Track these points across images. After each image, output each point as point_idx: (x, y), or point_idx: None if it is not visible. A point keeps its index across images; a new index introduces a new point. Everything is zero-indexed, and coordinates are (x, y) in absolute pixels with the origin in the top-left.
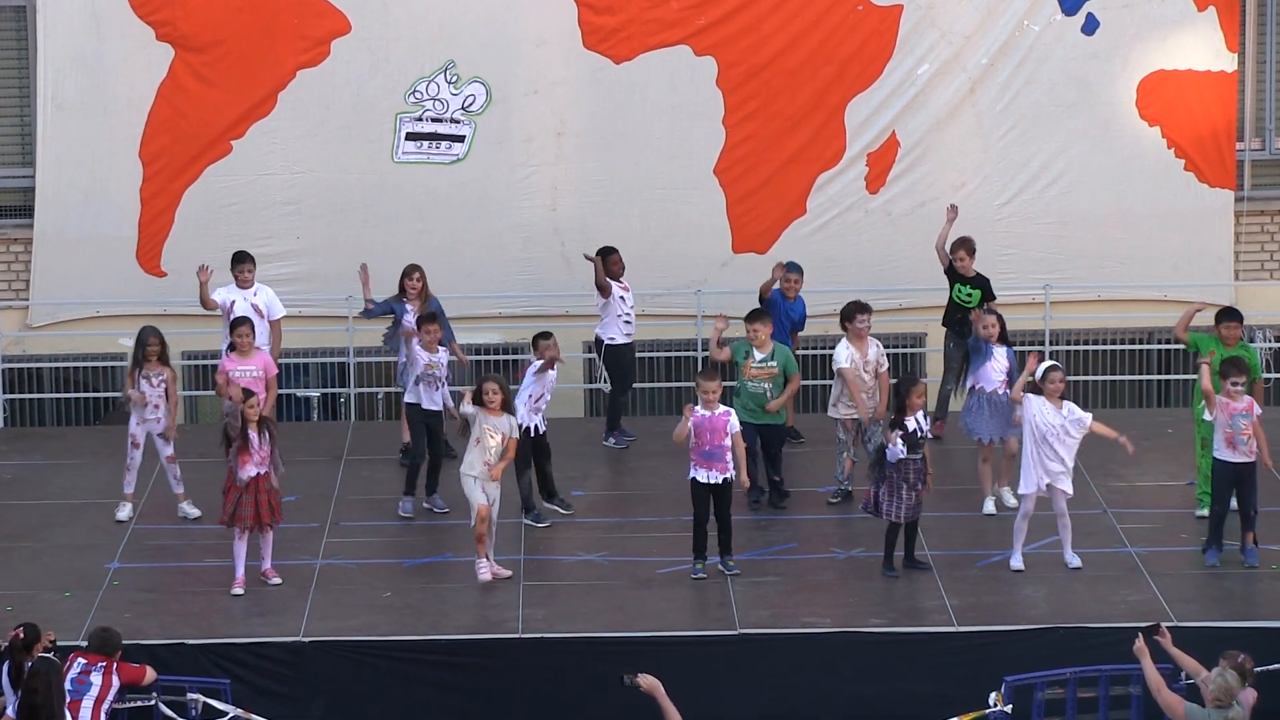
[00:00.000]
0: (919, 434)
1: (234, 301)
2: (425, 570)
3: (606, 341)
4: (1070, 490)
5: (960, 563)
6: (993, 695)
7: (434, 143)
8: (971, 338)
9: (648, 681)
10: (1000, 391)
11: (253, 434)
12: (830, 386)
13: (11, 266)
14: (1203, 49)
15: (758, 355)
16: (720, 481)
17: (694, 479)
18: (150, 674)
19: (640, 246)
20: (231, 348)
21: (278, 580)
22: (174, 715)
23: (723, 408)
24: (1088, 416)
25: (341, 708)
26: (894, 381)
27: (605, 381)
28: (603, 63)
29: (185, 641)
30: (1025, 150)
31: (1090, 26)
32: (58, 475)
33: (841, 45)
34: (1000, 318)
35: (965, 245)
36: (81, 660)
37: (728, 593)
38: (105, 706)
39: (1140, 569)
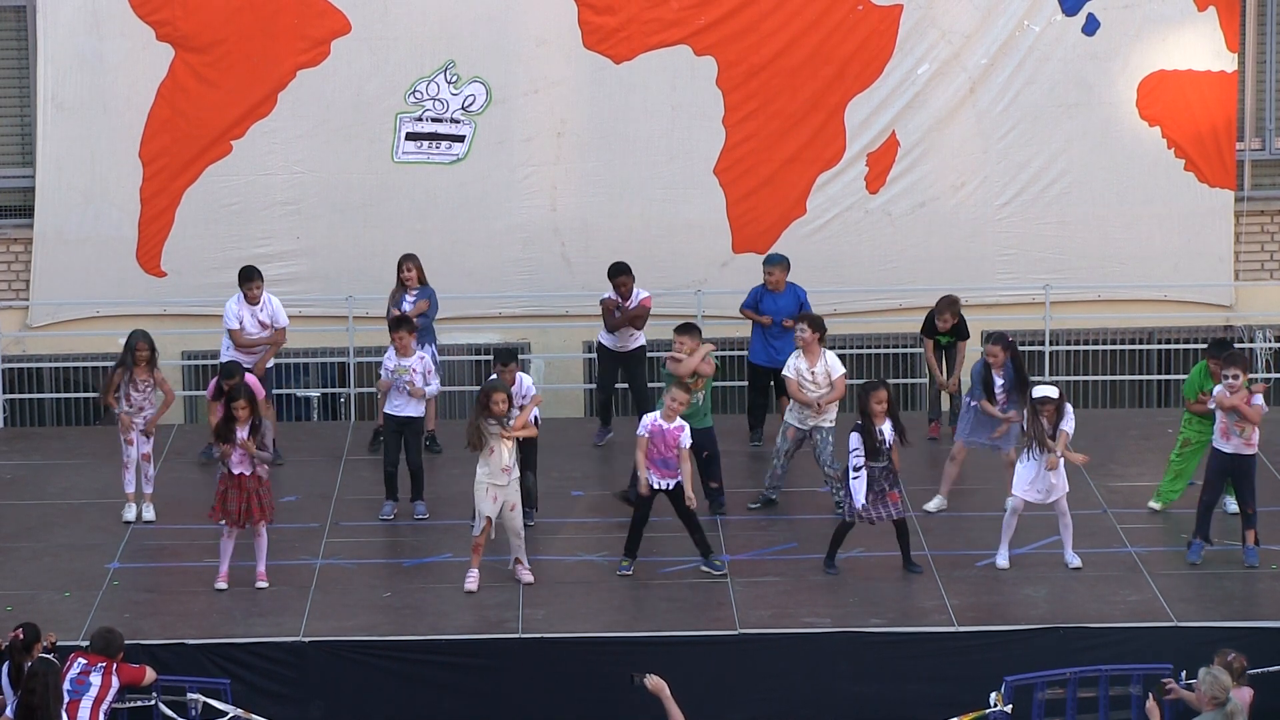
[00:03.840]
0: (882, 442)
1: (243, 320)
2: (425, 570)
3: None
4: (1066, 486)
5: (960, 563)
6: (993, 695)
7: (434, 143)
8: (976, 366)
9: (653, 682)
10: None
11: (240, 431)
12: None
13: (11, 266)
14: (1203, 49)
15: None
16: (672, 486)
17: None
18: (150, 674)
19: (640, 246)
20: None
21: (264, 584)
22: (174, 715)
23: (679, 421)
24: (1057, 491)
25: (341, 708)
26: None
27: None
28: (603, 63)
29: (185, 641)
30: (1025, 150)
31: (1090, 27)
32: (58, 475)
33: (841, 45)
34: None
35: (950, 309)
36: (81, 660)
37: (728, 593)
38: (104, 707)
39: (1140, 569)
